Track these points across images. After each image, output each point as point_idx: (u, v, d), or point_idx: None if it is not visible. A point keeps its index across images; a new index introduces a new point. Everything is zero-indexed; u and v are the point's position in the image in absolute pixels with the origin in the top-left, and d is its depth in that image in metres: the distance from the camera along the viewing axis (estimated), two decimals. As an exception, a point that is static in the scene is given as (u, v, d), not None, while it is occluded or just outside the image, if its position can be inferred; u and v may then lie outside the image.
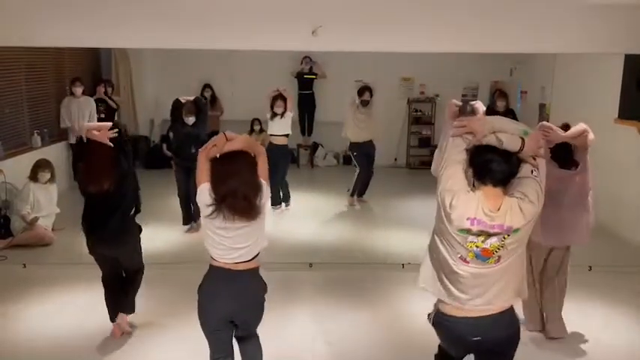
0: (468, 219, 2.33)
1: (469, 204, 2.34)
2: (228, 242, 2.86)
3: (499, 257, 2.39)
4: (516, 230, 2.36)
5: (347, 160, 10.68)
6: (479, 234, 2.35)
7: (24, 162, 6.85)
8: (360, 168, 7.93)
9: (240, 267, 2.91)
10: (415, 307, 4.85)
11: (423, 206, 7.71)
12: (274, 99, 7.25)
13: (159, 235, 6.39)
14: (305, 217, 7.38)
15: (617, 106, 6.70)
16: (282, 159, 7.35)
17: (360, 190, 8.08)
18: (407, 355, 4.07)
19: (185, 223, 6.74)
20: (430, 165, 3.53)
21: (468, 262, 2.40)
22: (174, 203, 6.83)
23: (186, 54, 9.68)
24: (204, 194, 2.83)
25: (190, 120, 6.38)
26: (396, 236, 6.68)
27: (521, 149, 2.38)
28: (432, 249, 2.54)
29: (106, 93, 9.09)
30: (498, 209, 2.33)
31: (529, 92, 9.73)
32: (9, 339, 4.24)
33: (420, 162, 10.77)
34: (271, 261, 5.64)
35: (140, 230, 4.15)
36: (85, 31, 4.85)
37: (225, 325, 2.99)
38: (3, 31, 4.83)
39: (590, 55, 6.81)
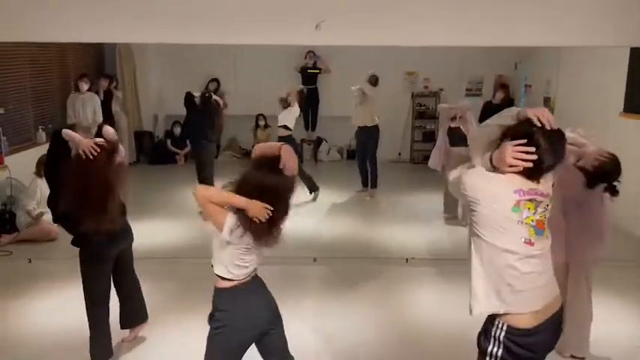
0: (515, 192, 2.19)
1: (503, 180, 2.22)
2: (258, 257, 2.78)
3: (546, 227, 2.30)
4: (549, 197, 2.30)
5: (351, 155, 10.68)
6: (529, 204, 2.21)
7: (29, 157, 6.85)
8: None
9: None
10: (419, 302, 4.86)
11: (427, 201, 7.69)
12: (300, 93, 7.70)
13: (163, 230, 6.39)
14: (309, 212, 7.38)
15: (622, 100, 6.67)
16: None
17: (363, 180, 8.28)
18: (411, 350, 4.07)
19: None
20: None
21: (532, 243, 2.23)
22: (178, 197, 6.84)
23: (190, 49, 9.67)
24: (231, 222, 2.55)
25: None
26: (400, 231, 6.67)
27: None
28: (490, 254, 2.24)
29: (109, 88, 9.09)
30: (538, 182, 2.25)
31: (534, 86, 9.68)
32: (14, 334, 4.26)
33: (423, 156, 10.72)
34: (275, 255, 5.66)
35: None
36: (89, 26, 4.85)
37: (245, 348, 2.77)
38: (4, 26, 4.83)
39: (595, 48, 6.77)
